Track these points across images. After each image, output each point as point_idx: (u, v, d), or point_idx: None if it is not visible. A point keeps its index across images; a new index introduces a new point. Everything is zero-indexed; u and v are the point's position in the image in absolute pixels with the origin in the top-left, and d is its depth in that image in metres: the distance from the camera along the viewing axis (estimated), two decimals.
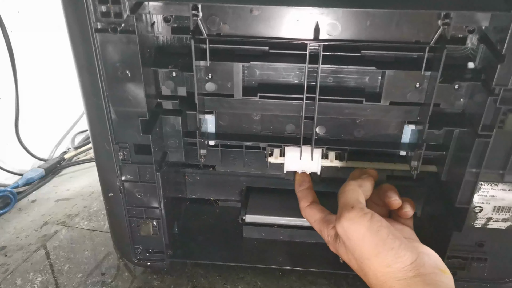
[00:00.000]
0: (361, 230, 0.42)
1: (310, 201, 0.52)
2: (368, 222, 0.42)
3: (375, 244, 0.41)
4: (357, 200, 0.45)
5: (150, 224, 0.56)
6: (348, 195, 0.46)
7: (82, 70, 0.45)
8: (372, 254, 0.41)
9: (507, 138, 0.45)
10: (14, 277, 0.61)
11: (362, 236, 0.42)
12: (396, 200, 0.49)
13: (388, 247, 0.41)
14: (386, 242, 0.41)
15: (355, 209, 0.43)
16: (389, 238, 0.41)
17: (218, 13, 0.46)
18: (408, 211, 0.49)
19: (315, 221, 0.50)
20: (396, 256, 0.41)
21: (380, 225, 0.42)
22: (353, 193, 0.46)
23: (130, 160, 0.51)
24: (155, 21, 0.47)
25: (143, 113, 0.47)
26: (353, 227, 0.42)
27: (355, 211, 0.43)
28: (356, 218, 0.42)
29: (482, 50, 0.46)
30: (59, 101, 0.96)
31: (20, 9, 0.84)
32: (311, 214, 0.51)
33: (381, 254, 0.41)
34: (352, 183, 0.47)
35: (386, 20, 0.45)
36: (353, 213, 0.43)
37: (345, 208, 0.44)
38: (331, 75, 0.51)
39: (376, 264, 0.41)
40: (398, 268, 0.40)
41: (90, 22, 0.42)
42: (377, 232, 0.42)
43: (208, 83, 0.50)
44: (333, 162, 0.57)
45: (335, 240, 0.47)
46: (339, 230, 0.44)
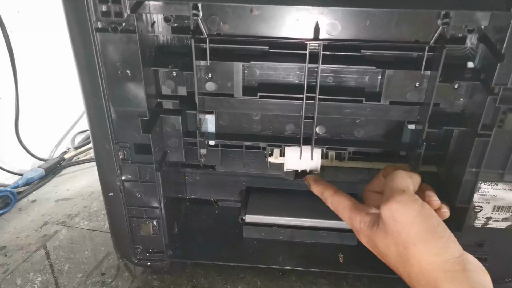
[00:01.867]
0: (411, 213, 0.41)
1: (335, 189, 0.51)
2: (420, 207, 0.41)
3: (425, 231, 0.40)
4: (408, 187, 0.44)
5: (150, 224, 0.56)
6: (399, 181, 0.44)
7: (82, 69, 0.45)
8: (421, 240, 0.40)
9: (506, 138, 0.45)
10: (14, 277, 0.61)
11: (412, 220, 0.41)
12: (436, 201, 0.47)
13: (438, 235, 0.40)
14: (436, 231, 0.40)
15: (407, 193, 0.42)
16: (440, 228, 0.40)
17: (218, 13, 0.46)
18: (445, 212, 0.47)
19: (345, 207, 0.48)
20: (445, 246, 0.40)
21: (432, 213, 0.41)
22: (404, 180, 0.44)
23: (130, 160, 0.51)
24: (156, 21, 0.47)
25: (143, 112, 0.47)
26: (403, 210, 0.41)
27: (406, 195, 0.42)
28: (408, 201, 0.41)
29: (481, 50, 0.46)
30: (59, 101, 0.96)
31: (20, 9, 0.84)
32: (339, 201, 0.49)
33: (430, 242, 0.40)
34: (402, 172, 0.46)
35: (386, 19, 0.45)
36: (405, 197, 0.42)
37: (395, 191, 0.42)
38: (331, 75, 0.51)
39: (423, 251, 0.40)
40: (446, 258, 0.39)
41: (90, 21, 0.42)
42: (428, 219, 0.41)
43: (208, 82, 0.50)
44: (333, 162, 0.57)
45: (371, 226, 0.45)
46: (385, 213, 0.42)
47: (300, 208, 0.63)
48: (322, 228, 0.61)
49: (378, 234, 0.44)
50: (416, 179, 0.47)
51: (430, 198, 0.47)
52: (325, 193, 0.51)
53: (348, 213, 0.48)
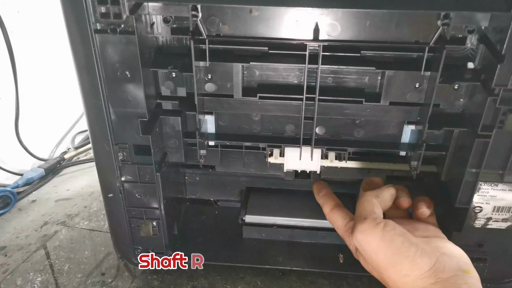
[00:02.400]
0: (374, 241, 0.41)
1: (332, 205, 0.51)
2: (381, 232, 0.41)
3: (390, 254, 0.40)
4: (371, 211, 0.44)
5: (150, 225, 0.56)
6: (362, 206, 0.45)
7: (81, 70, 0.45)
8: (389, 264, 0.41)
9: (506, 138, 0.45)
10: (14, 277, 0.61)
11: (377, 247, 0.41)
12: (404, 200, 0.48)
13: (403, 255, 0.40)
14: (400, 251, 0.40)
15: (367, 220, 0.43)
16: (404, 246, 0.40)
17: (217, 14, 0.46)
18: (423, 211, 0.48)
19: (338, 227, 0.50)
20: (412, 264, 0.40)
21: (394, 234, 0.41)
22: (368, 204, 0.45)
23: (130, 161, 0.51)
24: (155, 22, 0.47)
25: (142, 113, 0.47)
26: (366, 239, 0.42)
27: (366, 223, 0.42)
28: (368, 229, 0.42)
29: (481, 50, 0.46)
30: (59, 101, 0.96)
31: (20, 9, 0.84)
32: (334, 221, 0.50)
33: (398, 264, 0.40)
34: (368, 193, 0.47)
35: (386, 20, 0.45)
36: (365, 225, 0.42)
37: (358, 220, 0.43)
38: (330, 76, 0.51)
39: (394, 275, 0.41)
40: (416, 276, 0.39)
41: (89, 22, 0.42)
42: (390, 242, 0.41)
43: (207, 83, 0.50)
44: (333, 162, 0.57)
45: (356, 250, 0.46)
46: (354, 243, 0.44)
47: (300, 208, 0.63)
48: (322, 228, 0.61)
49: (361, 259, 0.46)
50: (384, 196, 0.47)
51: (399, 199, 0.48)
52: (324, 207, 0.53)
53: (341, 233, 0.49)
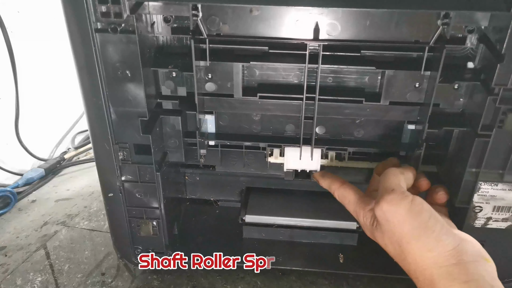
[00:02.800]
0: (402, 212, 0.41)
1: (341, 182, 0.50)
2: (409, 204, 0.41)
3: (416, 227, 0.40)
4: (398, 184, 0.43)
5: (150, 224, 0.56)
6: (389, 179, 0.44)
7: (82, 70, 0.45)
8: (413, 237, 0.40)
9: (506, 138, 0.45)
10: (14, 277, 0.61)
11: (403, 218, 0.41)
12: (424, 181, 0.48)
13: (430, 230, 0.40)
14: (427, 225, 0.40)
15: (396, 192, 0.42)
16: (431, 221, 0.40)
17: (218, 13, 0.46)
18: (441, 194, 0.48)
19: (350, 201, 0.48)
20: (437, 240, 0.39)
21: (422, 208, 0.41)
22: (395, 178, 0.44)
23: (130, 160, 0.51)
24: (155, 21, 0.47)
25: (143, 113, 0.47)
26: (393, 209, 0.41)
27: (395, 194, 0.42)
28: (396, 200, 0.41)
29: (481, 50, 0.46)
30: (59, 101, 0.96)
31: (20, 9, 0.84)
32: (345, 195, 0.49)
33: (422, 238, 0.40)
34: (394, 169, 0.46)
35: (386, 20, 0.45)
36: (394, 195, 0.42)
37: (385, 191, 0.43)
38: (330, 75, 0.51)
39: (416, 248, 0.40)
40: (439, 253, 0.39)
41: (90, 22, 0.42)
42: (418, 215, 0.40)
43: (208, 83, 0.50)
44: (333, 162, 0.57)
45: (372, 224, 0.45)
46: (378, 213, 0.43)
47: (300, 208, 0.63)
48: (322, 228, 0.61)
49: (377, 233, 0.45)
50: (408, 174, 0.47)
51: (419, 179, 0.48)
52: (332, 186, 0.51)
53: (353, 207, 0.48)
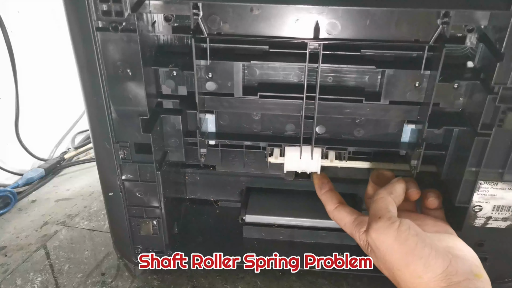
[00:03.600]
0: (389, 240, 0.41)
1: (336, 203, 0.51)
2: (395, 231, 0.41)
3: (404, 254, 0.40)
4: (386, 209, 0.44)
5: (150, 224, 0.56)
6: (377, 204, 0.45)
7: (82, 69, 0.45)
8: (402, 264, 0.40)
9: (506, 137, 0.45)
10: (14, 277, 0.61)
11: (391, 246, 0.41)
12: (413, 191, 0.48)
13: (417, 257, 0.40)
14: (414, 252, 0.40)
15: (382, 219, 0.42)
16: (418, 247, 0.40)
17: (218, 12, 0.46)
18: (432, 199, 0.48)
19: (345, 224, 0.49)
20: (425, 265, 0.39)
21: (408, 234, 0.41)
22: (383, 202, 0.45)
23: (130, 159, 0.51)
24: (156, 20, 0.47)
25: (143, 112, 0.47)
26: (381, 238, 0.42)
27: (381, 221, 0.42)
28: (383, 228, 0.42)
29: (481, 49, 0.46)
30: (59, 101, 0.96)
31: (20, 9, 0.84)
32: (340, 218, 0.49)
33: (411, 265, 0.40)
34: (382, 191, 0.46)
35: (386, 19, 0.45)
36: (380, 224, 0.42)
37: (373, 218, 0.43)
38: (331, 75, 0.51)
39: (407, 275, 0.40)
40: (429, 278, 0.39)
41: (91, 20, 0.42)
42: (405, 242, 0.40)
43: (208, 82, 0.51)
44: (333, 162, 0.57)
45: (367, 247, 0.46)
46: (369, 240, 0.43)
47: (300, 208, 0.63)
48: (322, 228, 0.61)
49: (372, 256, 0.45)
50: (397, 192, 0.47)
51: (408, 190, 0.48)
52: (326, 206, 0.52)
53: (350, 230, 0.48)
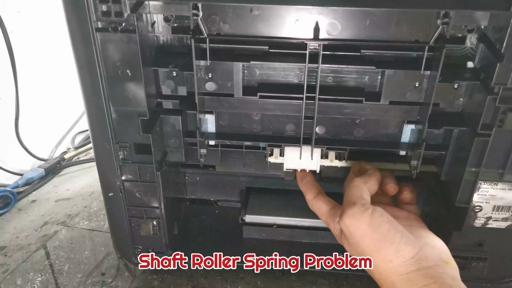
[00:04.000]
0: (362, 226, 0.42)
1: (315, 193, 0.52)
2: (369, 217, 0.42)
3: (376, 240, 0.41)
4: (360, 196, 0.45)
5: (150, 224, 0.56)
6: (352, 192, 0.46)
7: (82, 69, 0.45)
8: (374, 250, 0.42)
9: (506, 137, 0.45)
10: (14, 277, 0.61)
11: (364, 232, 0.42)
12: (391, 186, 0.49)
13: (388, 242, 0.41)
14: (386, 237, 0.41)
15: (356, 205, 0.43)
16: (390, 233, 0.41)
17: (218, 13, 0.46)
18: (406, 193, 0.50)
19: (322, 213, 0.50)
20: (396, 250, 0.41)
21: (381, 220, 0.42)
22: (357, 190, 0.46)
23: (130, 160, 0.51)
24: (156, 21, 0.47)
25: (143, 112, 0.47)
26: (354, 224, 0.43)
27: (356, 207, 0.43)
28: (357, 214, 0.43)
29: (481, 50, 0.46)
30: (59, 101, 0.96)
31: (20, 9, 0.84)
32: (318, 207, 0.51)
33: (382, 250, 0.41)
34: (357, 179, 0.47)
35: (386, 19, 0.45)
36: (354, 209, 0.43)
37: (347, 204, 0.44)
38: (331, 75, 0.51)
39: (378, 260, 0.42)
40: (399, 262, 0.40)
41: (90, 21, 0.42)
42: (377, 228, 0.42)
43: (208, 82, 0.51)
44: (333, 162, 0.57)
45: (340, 234, 0.47)
46: (342, 227, 0.44)
47: (300, 208, 0.63)
48: (322, 228, 0.61)
49: (345, 244, 0.46)
50: (372, 181, 0.48)
51: (386, 185, 0.49)
52: (306, 195, 0.53)
53: (325, 219, 0.50)
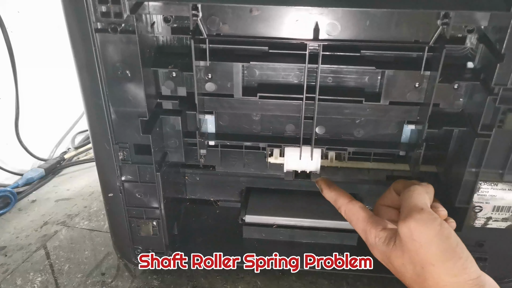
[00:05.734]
0: (430, 233, 0.40)
1: (350, 198, 0.48)
2: (438, 226, 0.40)
3: (444, 251, 0.39)
4: (426, 204, 0.42)
5: (150, 224, 0.56)
6: (416, 198, 0.43)
7: (82, 70, 0.45)
8: (439, 260, 0.39)
9: (506, 137, 0.45)
10: (14, 277, 0.61)
11: (430, 240, 0.40)
12: (443, 211, 0.45)
13: (457, 256, 0.39)
14: (455, 251, 0.39)
15: (425, 212, 0.41)
16: (459, 247, 0.39)
17: (218, 13, 0.46)
18: (452, 223, 0.46)
19: (359, 219, 0.46)
20: (463, 267, 0.39)
21: (450, 233, 0.40)
22: (421, 197, 0.43)
23: (130, 160, 0.51)
24: (155, 21, 0.47)
25: (143, 113, 0.47)
26: (421, 229, 0.40)
27: (425, 214, 0.40)
28: (426, 220, 0.40)
29: (481, 50, 0.46)
30: (59, 101, 0.96)
31: (20, 9, 0.84)
32: (354, 212, 0.47)
33: (449, 262, 0.39)
34: (419, 187, 0.44)
35: (386, 20, 0.45)
36: (424, 215, 0.40)
37: (414, 209, 0.41)
38: (330, 75, 0.51)
39: (441, 272, 0.39)
40: (464, 279, 0.38)
41: (90, 22, 0.42)
42: (447, 239, 0.39)
43: (208, 83, 0.51)
44: (333, 162, 0.57)
45: (387, 243, 0.43)
46: (403, 231, 0.41)
47: (300, 208, 0.63)
48: (322, 228, 0.61)
49: (394, 252, 0.43)
50: (431, 194, 0.45)
51: (437, 209, 0.45)
52: (339, 200, 0.49)
53: (363, 226, 0.46)
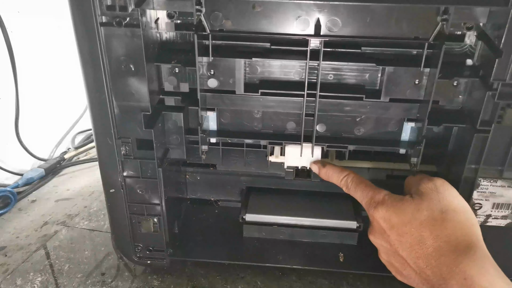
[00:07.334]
0: (455, 190, 0.45)
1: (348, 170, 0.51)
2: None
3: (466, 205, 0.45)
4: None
5: (151, 221, 0.56)
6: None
7: (86, 64, 0.45)
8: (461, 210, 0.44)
9: (505, 133, 0.46)
10: (14, 277, 0.61)
11: (456, 194, 0.45)
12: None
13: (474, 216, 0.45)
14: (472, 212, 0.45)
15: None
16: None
17: (221, 9, 0.46)
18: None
19: (367, 185, 0.48)
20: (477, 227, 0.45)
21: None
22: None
23: (132, 156, 0.51)
24: (159, 17, 0.48)
25: (145, 107, 0.48)
26: (448, 186, 0.45)
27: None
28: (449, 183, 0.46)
29: (480, 47, 0.47)
30: (59, 101, 0.96)
31: (20, 9, 0.84)
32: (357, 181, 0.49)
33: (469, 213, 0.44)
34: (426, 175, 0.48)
35: (386, 16, 0.45)
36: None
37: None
38: (331, 72, 0.51)
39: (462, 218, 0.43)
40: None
41: (95, 15, 0.42)
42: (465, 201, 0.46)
43: (210, 79, 0.51)
44: (333, 160, 0.57)
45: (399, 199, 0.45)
46: (428, 186, 0.45)
47: (300, 207, 0.63)
48: (322, 228, 0.61)
49: (408, 202, 0.44)
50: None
51: None
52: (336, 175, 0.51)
53: (372, 189, 0.47)
